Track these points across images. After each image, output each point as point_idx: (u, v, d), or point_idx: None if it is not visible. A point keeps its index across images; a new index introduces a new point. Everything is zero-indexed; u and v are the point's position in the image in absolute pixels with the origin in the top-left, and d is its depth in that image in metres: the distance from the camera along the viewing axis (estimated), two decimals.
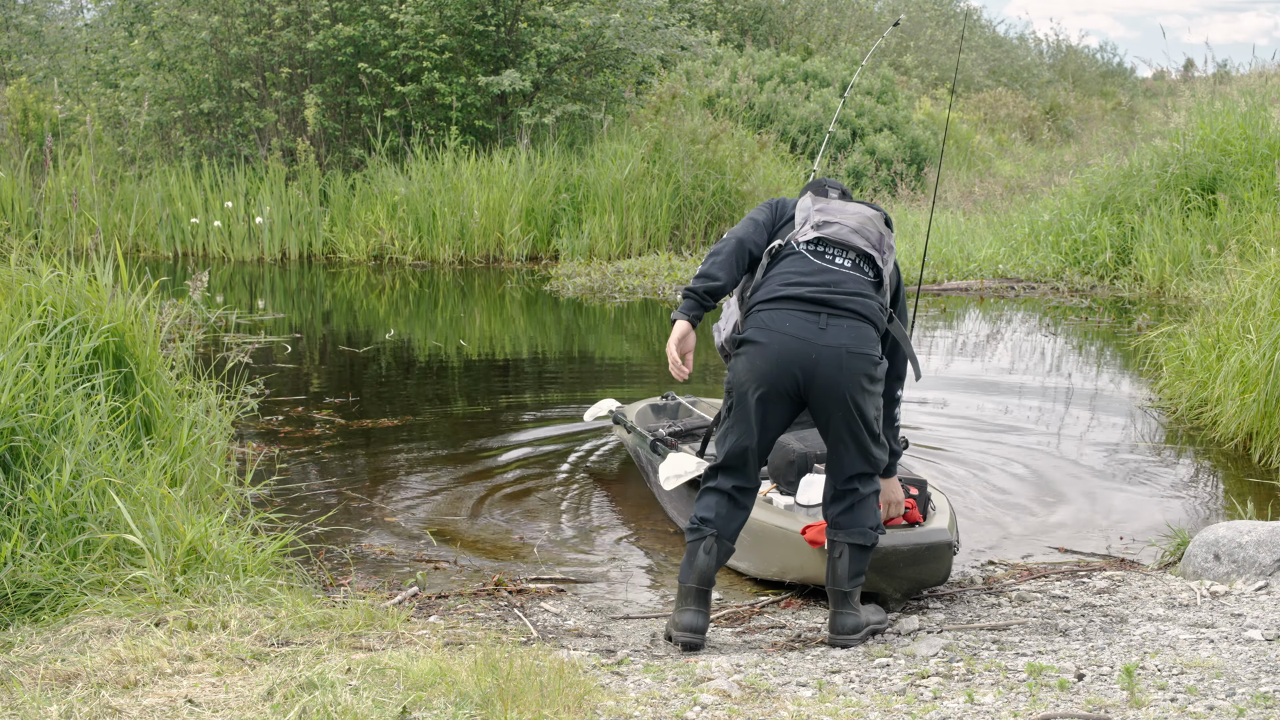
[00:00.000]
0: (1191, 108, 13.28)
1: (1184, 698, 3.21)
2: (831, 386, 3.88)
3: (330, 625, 3.74)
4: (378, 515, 5.45)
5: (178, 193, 14.64)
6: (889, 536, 4.16)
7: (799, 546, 4.32)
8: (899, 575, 4.19)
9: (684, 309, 4.06)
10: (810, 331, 3.89)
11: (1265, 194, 10.74)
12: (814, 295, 3.92)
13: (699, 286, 4.03)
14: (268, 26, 15.03)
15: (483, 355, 9.40)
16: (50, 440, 4.13)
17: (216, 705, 3.09)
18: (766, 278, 4.05)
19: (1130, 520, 5.49)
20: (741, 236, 4.09)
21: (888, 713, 3.23)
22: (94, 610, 3.67)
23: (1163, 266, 11.47)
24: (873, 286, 4.05)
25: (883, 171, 18.02)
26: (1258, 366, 6.30)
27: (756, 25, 23.24)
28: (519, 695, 3.12)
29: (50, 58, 16.96)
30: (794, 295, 3.94)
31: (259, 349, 8.73)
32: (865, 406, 3.93)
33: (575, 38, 15.12)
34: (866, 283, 4.03)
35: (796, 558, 4.37)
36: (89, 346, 4.56)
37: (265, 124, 15.02)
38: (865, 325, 3.96)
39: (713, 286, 4.02)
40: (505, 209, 14.16)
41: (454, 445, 6.67)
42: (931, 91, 25.33)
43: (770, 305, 3.96)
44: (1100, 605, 4.23)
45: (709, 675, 3.52)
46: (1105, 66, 35.81)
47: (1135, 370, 8.60)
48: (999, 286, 12.23)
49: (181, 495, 4.22)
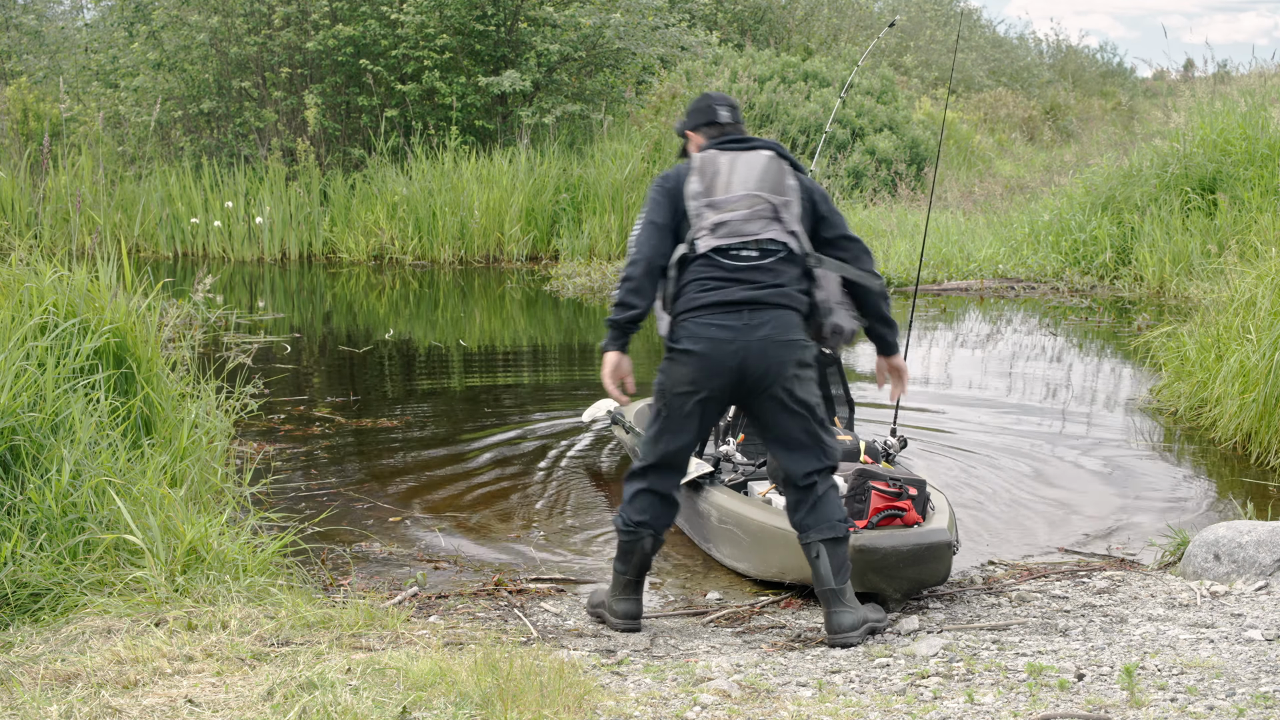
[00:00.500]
0: (1191, 108, 13.28)
1: (1184, 698, 3.21)
2: (763, 377, 3.96)
3: (330, 625, 3.74)
4: (378, 515, 5.45)
5: (178, 193, 14.64)
6: (889, 536, 4.15)
7: (794, 546, 4.27)
8: (899, 575, 4.17)
9: (611, 340, 4.14)
10: (736, 331, 3.97)
11: (1265, 194, 10.75)
12: (735, 298, 3.99)
13: (620, 318, 4.09)
14: (267, 26, 15.03)
15: (483, 355, 9.40)
16: (50, 440, 4.13)
17: (216, 705, 3.09)
18: (683, 288, 4.08)
19: (1130, 520, 5.49)
20: (649, 256, 4.08)
21: (888, 713, 3.23)
22: (94, 610, 3.67)
23: (1163, 266, 11.47)
24: (785, 262, 4.07)
25: (883, 171, 18.02)
26: (1257, 367, 6.30)
27: (756, 25, 23.23)
28: (519, 695, 3.12)
29: (50, 58, 16.97)
30: (715, 302, 4.00)
31: (259, 349, 8.73)
32: (802, 393, 4.00)
33: (575, 38, 15.12)
34: (779, 263, 4.06)
35: (797, 558, 4.34)
36: (90, 346, 4.56)
37: (265, 124, 15.02)
38: (787, 313, 4.02)
39: (633, 315, 4.09)
40: (505, 209, 14.16)
41: (454, 445, 6.68)
42: (931, 91, 25.31)
43: (695, 314, 4.02)
44: (1100, 605, 4.23)
45: (709, 675, 3.52)
46: (1105, 66, 35.80)
47: (1135, 370, 8.61)
48: (999, 286, 12.23)
49: (181, 495, 4.22)
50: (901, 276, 12.30)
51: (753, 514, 4.60)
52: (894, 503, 4.28)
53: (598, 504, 5.70)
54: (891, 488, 4.29)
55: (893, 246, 13.17)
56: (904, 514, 4.28)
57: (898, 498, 4.29)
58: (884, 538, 4.14)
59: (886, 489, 4.28)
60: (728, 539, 4.75)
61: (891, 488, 4.29)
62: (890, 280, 12.38)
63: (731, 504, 4.72)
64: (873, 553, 4.12)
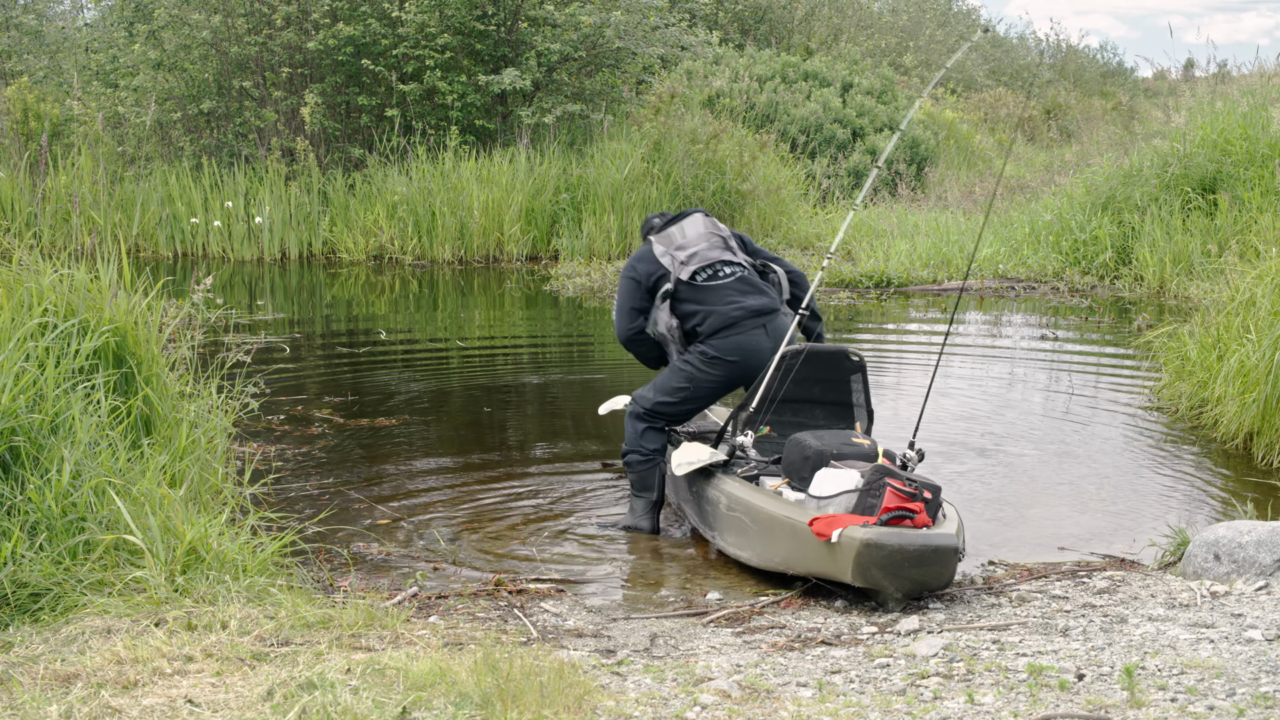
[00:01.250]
0: (1192, 107, 13.28)
1: (1184, 698, 3.21)
2: None
3: (330, 625, 3.74)
4: (377, 515, 5.45)
5: (177, 193, 14.64)
6: (897, 535, 4.13)
7: (805, 538, 4.32)
8: (902, 575, 4.16)
9: None
10: (764, 340, 5.14)
11: (1266, 194, 10.74)
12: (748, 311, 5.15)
13: None
14: (268, 26, 15.03)
15: (482, 355, 9.40)
16: (50, 440, 4.13)
17: (216, 705, 3.09)
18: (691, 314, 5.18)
19: (1130, 520, 5.49)
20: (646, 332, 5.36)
21: (888, 713, 3.22)
22: (94, 610, 3.67)
23: (1163, 266, 11.47)
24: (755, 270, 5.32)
25: (883, 171, 18.02)
26: (1258, 366, 6.30)
27: (757, 25, 23.23)
28: (519, 695, 3.12)
29: (50, 58, 16.96)
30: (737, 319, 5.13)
31: (259, 349, 8.73)
32: None
33: (575, 37, 15.12)
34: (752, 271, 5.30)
35: (802, 549, 4.37)
36: (90, 346, 4.56)
37: (265, 124, 15.02)
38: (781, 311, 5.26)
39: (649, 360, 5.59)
40: (505, 209, 14.16)
41: (454, 444, 6.68)
42: (932, 91, 25.30)
43: (724, 334, 5.13)
44: (1100, 605, 4.22)
45: (709, 675, 3.52)
46: (1105, 66, 35.78)
47: (1135, 370, 8.60)
48: (999, 286, 12.23)
49: (181, 495, 4.21)
50: (902, 276, 12.30)
51: (762, 503, 4.62)
52: (907, 503, 4.25)
53: (598, 503, 5.70)
54: (908, 488, 4.27)
55: (893, 246, 13.18)
56: (915, 515, 4.25)
57: (912, 499, 4.26)
58: (892, 535, 4.13)
59: (903, 488, 4.26)
60: (734, 526, 4.77)
61: (908, 488, 4.27)
62: (890, 280, 12.39)
63: (742, 492, 4.75)
64: (879, 549, 4.10)
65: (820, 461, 4.63)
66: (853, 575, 4.16)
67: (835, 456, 4.62)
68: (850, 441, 4.71)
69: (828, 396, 5.13)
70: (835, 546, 4.18)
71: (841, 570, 4.21)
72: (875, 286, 12.34)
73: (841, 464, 4.55)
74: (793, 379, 4.95)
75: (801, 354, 4.97)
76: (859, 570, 4.13)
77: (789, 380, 4.94)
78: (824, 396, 5.12)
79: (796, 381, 4.98)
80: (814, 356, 5.02)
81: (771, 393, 4.95)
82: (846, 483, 4.42)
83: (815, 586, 4.53)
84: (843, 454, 4.62)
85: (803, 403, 5.09)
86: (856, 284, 12.42)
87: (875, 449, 4.75)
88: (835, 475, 4.49)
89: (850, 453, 4.64)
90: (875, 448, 4.76)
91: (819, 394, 5.11)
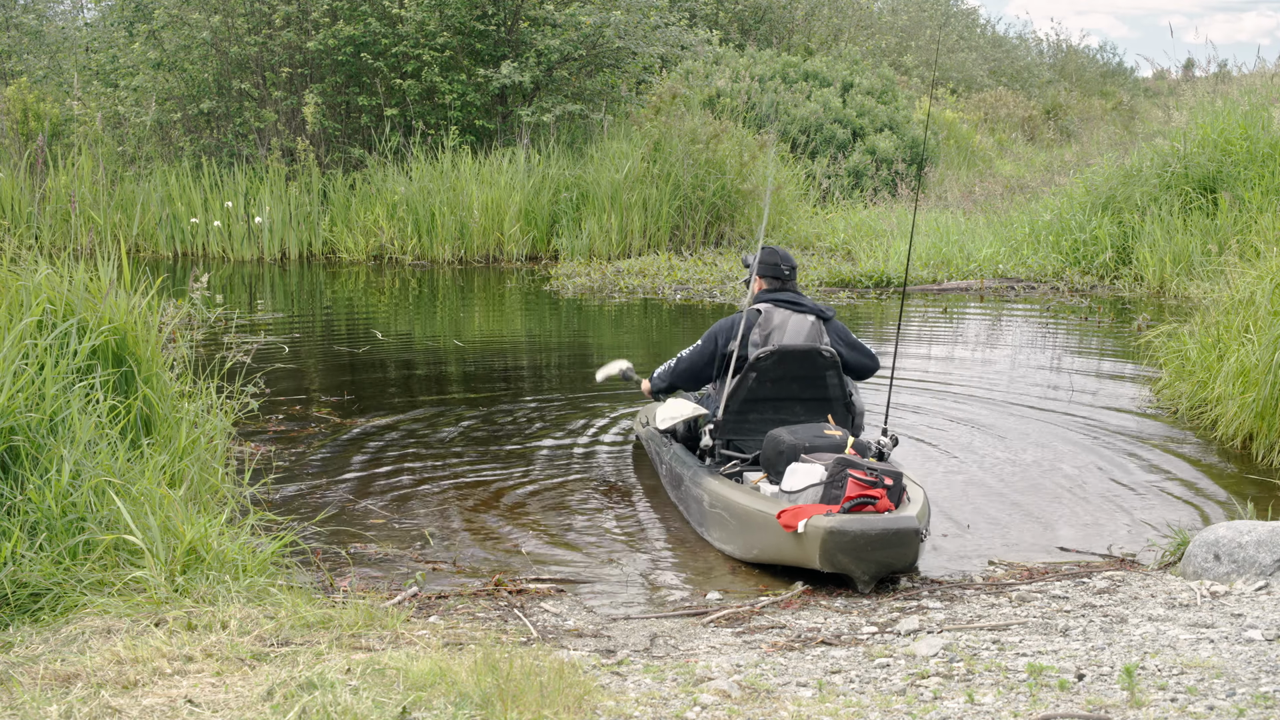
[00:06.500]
0: (1192, 107, 13.28)
1: (1184, 698, 3.21)
2: None
3: (330, 625, 3.74)
4: (377, 515, 5.44)
5: (177, 193, 14.64)
6: (858, 521, 4.39)
7: (773, 529, 4.57)
8: (867, 558, 4.40)
9: None
10: None
11: (1266, 193, 10.75)
12: None
13: None
14: (268, 26, 15.03)
15: (482, 354, 9.40)
16: (49, 440, 4.13)
17: (216, 705, 3.08)
18: None
19: (1130, 520, 5.49)
20: None
21: (888, 713, 3.22)
22: (94, 610, 3.67)
23: (1163, 266, 11.47)
24: None
25: (883, 171, 18.02)
26: (1258, 366, 6.30)
27: (757, 25, 23.23)
28: (519, 695, 3.12)
29: (50, 57, 16.96)
30: None
31: (258, 349, 8.73)
32: None
33: (576, 37, 15.12)
34: None
35: (771, 539, 4.62)
36: (88, 346, 4.56)
37: (265, 124, 15.02)
38: None
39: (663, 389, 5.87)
40: (505, 209, 14.16)
41: (453, 444, 6.67)
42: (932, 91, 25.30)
43: None
44: (1100, 605, 4.22)
45: (709, 675, 3.52)
46: (1105, 66, 35.80)
47: (1135, 370, 8.60)
48: (999, 286, 12.23)
49: (181, 495, 4.21)
50: (902, 276, 12.30)
51: (737, 498, 4.87)
52: (867, 490, 4.54)
53: (598, 503, 5.70)
54: (868, 476, 4.55)
55: (893, 246, 13.18)
56: (876, 501, 4.54)
57: (873, 486, 4.55)
58: (853, 521, 4.37)
59: (864, 478, 4.55)
60: (717, 523, 5.03)
61: (868, 476, 4.55)
62: (889, 280, 12.39)
63: (721, 489, 5.00)
64: (842, 535, 4.35)
65: (793, 456, 4.92)
66: (820, 561, 4.42)
67: (807, 450, 4.92)
68: (822, 434, 5.00)
69: (805, 393, 5.37)
70: (802, 536, 4.44)
71: (810, 557, 4.46)
72: (875, 286, 12.35)
73: (812, 457, 4.84)
74: (770, 379, 5.29)
75: (775, 354, 5.26)
76: (825, 556, 4.39)
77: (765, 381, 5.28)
78: (802, 393, 5.36)
79: (775, 380, 5.29)
80: (788, 356, 5.29)
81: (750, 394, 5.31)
82: (813, 476, 4.72)
83: (815, 587, 4.55)
84: (815, 446, 4.92)
85: (783, 400, 5.35)
86: (856, 284, 12.43)
87: (845, 440, 5.01)
88: (804, 470, 4.79)
89: (823, 444, 4.93)
90: (845, 439, 5.02)
91: (797, 391, 5.36)
